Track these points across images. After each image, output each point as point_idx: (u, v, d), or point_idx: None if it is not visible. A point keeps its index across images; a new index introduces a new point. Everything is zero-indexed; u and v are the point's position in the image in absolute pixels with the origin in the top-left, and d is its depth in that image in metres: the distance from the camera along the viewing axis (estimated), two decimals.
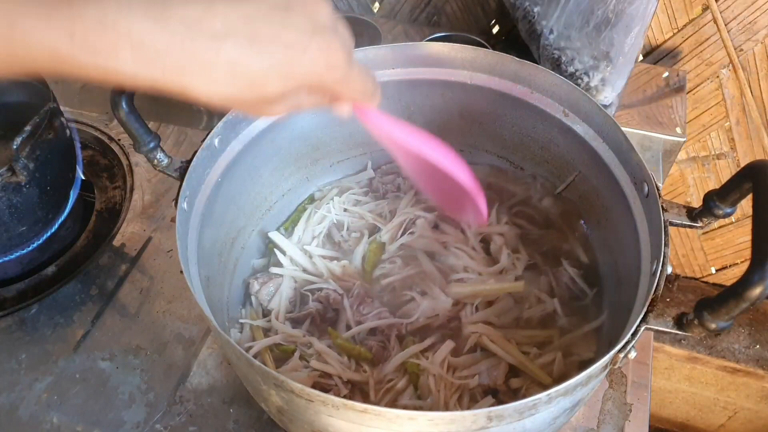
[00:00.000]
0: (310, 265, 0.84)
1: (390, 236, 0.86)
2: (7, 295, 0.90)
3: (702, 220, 0.64)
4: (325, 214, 0.89)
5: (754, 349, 1.34)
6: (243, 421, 0.76)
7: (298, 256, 0.85)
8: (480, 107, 0.85)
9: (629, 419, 0.77)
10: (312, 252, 0.85)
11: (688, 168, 1.21)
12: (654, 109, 1.00)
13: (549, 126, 0.80)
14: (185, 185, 0.65)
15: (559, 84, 0.76)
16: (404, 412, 0.49)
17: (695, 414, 1.58)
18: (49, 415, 0.77)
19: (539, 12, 0.94)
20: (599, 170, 0.76)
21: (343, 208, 0.89)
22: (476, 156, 0.92)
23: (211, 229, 0.73)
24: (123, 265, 0.92)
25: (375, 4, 1.18)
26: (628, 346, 0.54)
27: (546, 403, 0.52)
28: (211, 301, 0.68)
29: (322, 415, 0.53)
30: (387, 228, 0.86)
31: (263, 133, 0.78)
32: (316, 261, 0.84)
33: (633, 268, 0.66)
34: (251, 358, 0.52)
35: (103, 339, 0.84)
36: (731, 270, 1.35)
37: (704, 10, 1.01)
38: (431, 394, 0.71)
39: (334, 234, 0.88)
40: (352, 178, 0.94)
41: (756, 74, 1.05)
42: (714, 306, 0.50)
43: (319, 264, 0.84)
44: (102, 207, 1.01)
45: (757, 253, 0.48)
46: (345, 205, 0.89)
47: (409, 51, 0.80)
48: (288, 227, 0.90)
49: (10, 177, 0.80)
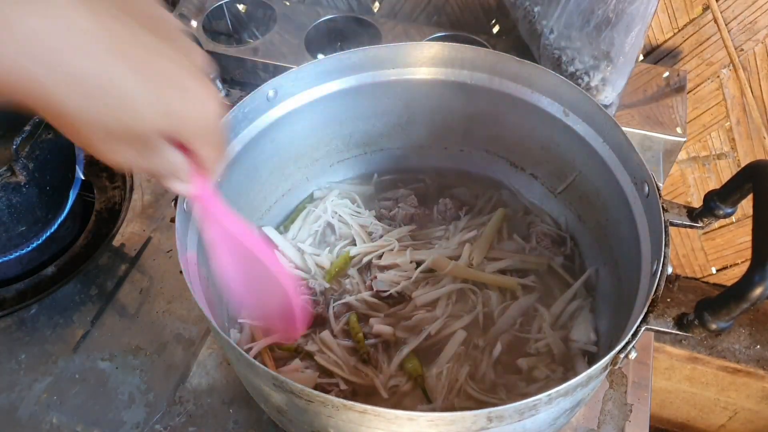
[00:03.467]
0: (301, 261, 0.85)
1: (359, 255, 0.86)
2: (7, 295, 0.90)
3: (702, 220, 0.63)
4: (320, 215, 0.89)
5: (755, 349, 1.34)
6: (243, 421, 0.76)
7: (290, 252, 0.85)
8: (480, 107, 0.84)
9: (629, 419, 0.77)
10: (304, 249, 0.86)
11: (689, 168, 1.21)
12: (654, 109, 1.00)
13: (549, 126, 0.80)
14: None
15: (559, 84, 0.76)
16: (404, 413, 0.49)
17: (696, 414, 1.58)
18: (48, 416, 0.77)
19: (539, 12, 0.94)
20: (599, 170, 0.76)
21: (335, 212, 0.89)
22: (476, 156, 0.92)
23: None
24: (123, 266, 0.91)
25: (375, 4, 1.18)
26: (628, 347, 0.54)
27: (546, 404, 0.52)
28: (211, 301, 0.68)
29: (321, 416, 0.53)
30: (361, 247, 0.86)
31: (263, 132, 0.78)
32: (306, 258, 0.85)
33: (633, 268, 0.66)
34: (251, 358, 0.52)
35: (103, 339, 0.84)
36: (732, 270, 1.35)
37: (705, 10, 1.01)
38: (439, 397, 0.72)
39: (327, 235, 0.89)
40: (356, 187, 0.94)
41: (756, 74, 1.05)
42: (714, 306, 0.50)
43: (308, 260, 0.85)
44: (101, 207, 1.01)
45: (757, 254, 0.47)
46: (338, 210, 0.89)
47: (409, 51, 0.80)
48: (287, 226, 0.90)
49: (9, 177, 0.80)
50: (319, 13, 1.14)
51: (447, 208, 0.90)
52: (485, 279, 0.82)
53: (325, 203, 0.90)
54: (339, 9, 1.19)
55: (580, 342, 0.76)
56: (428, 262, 0.82)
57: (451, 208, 0.90)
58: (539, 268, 0.83)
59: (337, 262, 0.85)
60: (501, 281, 0.81)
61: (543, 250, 0.85)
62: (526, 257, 0.84)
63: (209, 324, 0.57)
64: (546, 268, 0.84)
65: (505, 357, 0.76)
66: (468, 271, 0.82)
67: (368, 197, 0.94)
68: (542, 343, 0.76)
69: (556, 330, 0.77)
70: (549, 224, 0.88)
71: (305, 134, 0.86)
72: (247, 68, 1.10)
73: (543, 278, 0.83)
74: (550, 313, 0.78)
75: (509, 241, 0.87)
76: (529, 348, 0.76)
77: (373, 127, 0.90)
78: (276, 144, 0.82)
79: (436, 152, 0.94)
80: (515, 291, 0.81)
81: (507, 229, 0.88)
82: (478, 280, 0.82)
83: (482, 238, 0.85)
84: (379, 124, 0.90)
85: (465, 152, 0.93)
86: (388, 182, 0.95)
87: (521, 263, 0.84)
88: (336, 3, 1.19)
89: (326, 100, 0.82)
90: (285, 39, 1.10)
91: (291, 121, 0.81)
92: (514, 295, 0.81)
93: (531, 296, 0.81)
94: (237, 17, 1.26)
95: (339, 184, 0.94)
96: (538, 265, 0.83)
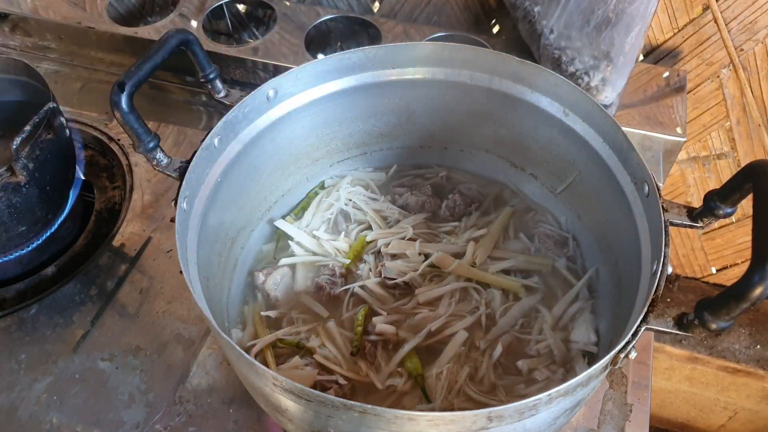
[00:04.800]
0: (318, 248, 0.86)
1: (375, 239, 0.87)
2: (7, 295, 0.90)
3: (702, 220, 0.63)
4: (332, 202, 0.90)
5: (755, 349, 1.34)
6: (243, 421, 0.76)
7: (306, 241, 0.86)
8: (480, 107, 0.84)
9: (629, 419, 0.77)
10: (320, 236, 0.87)
11: (689, 168, 1.21)
12: (654, 109, 1.00)
13: (549, 126, 0.80)
14: (185, 185, 0.65)
15: (559, 84, 0.76)
16: (404, 413, 0.49)
17: (696, 414, 1.58)
18: (48, 416, 0.77)
19: (539, 12, 0.94)
20: (599, 170, 0.76)
21: (349, 199, 0.90)
22: (476, 156, 0.92)
23: (210, 228, 0.73)
24: (122, 266, 0.91)
25: (375, 4, 1.18)
26: (628, 347, 0.54)
27: (546, 404, 0.52)
28: (211, 301, 0.68)
29: (321, 415, 0.53)
30: (377, 232, 0.87)
31: (263, 132, 0.78)
32: (323, 243, 0.86)
33: (633, 268, 0.66)
34: (251, 358, 0.52)
35: (103, 339, 0.84)
36: (732, 270, 1.35)
37: (705, 10, 1.01)
38: (438, 398, 0.72)
39: (340, 223, 0.90)
40: (370, 174, 0.95)
41: (756, 74, 1.05)
42: (714, 306, 0.50)
43: (326, 245, 0.86)
44: (101, 207, 1.01)
45: (757, 254, 0.47)
46: (352, 197, 0.90)
47: (409, 51, 0.80)
48: (298, 213, 0.91)
49: (9, 177, 0.80)
50: (319, 13, 1.14)
51: (456, 204, 0.90)
52: (488, 280, 0.82)
53: (338, 191, 0.91)
54: (339, 9, 1.19)
55: (581, 343, 0.75)
56: (432, 259, 0.83)
57: (460, 204, 0.90)
58: (543, 269, 0.83)
59: (355, 245, 0.86)
60: (503, 283, 0.81)
61: (546, 252, 0.85)
62: (531, 258, 0.84)
63: (209, 324, 0.57)
64: (550, 269, 0.84)
65: (505, 358, 0.76)
66: (471, 270, 0.82)
67: (380, 186, 0.94)
68: (543, 345, 0.76)
69: (557, 331, 0.77)
70: (552, 224, 0.88)
71: (305, 134, 0.86)
72: (247, 68, 1.10)
73: (546, 279, 0.83)
74: (552, 315, 0.78)
75: (515, 241, 0.87)
76: (530, 349, 0.76)
77: (373, 127, 0.90)
78: (276, 144, 0.82)
79: (436, 152, 0.94)
80: (518, 292, 0.81)
81: (514, 228, 0.88)
82: (482, 281, 0.82)
83: (488, 236, 0.86)
84: (379, 124, 0.90)
85: (465, 152, 0.93)
86: (389, 179, 0.96)
87: (526, 263, 0.84)
88: (336, 3, 1.19)
89: (326, 100, 0.82)
90: (285, 39, 1.10)
91: (291, 121, 0.81)
92: (517, 296, 0.81)
93: (533, 297, 0.80)
94: (237, 17, 1.26)
95: (352, 172, 0.94)
96: (542, 266, 0.83)
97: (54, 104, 0.84)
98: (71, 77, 1.18)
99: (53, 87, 0.88)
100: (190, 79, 1.14)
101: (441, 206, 0.91)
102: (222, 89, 0.77)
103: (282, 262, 0.84)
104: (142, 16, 1.31)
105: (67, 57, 1.20)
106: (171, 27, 1.13)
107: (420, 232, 0.87)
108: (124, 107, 0.63)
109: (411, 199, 0.91)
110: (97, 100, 1.14)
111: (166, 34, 0.69)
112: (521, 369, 0.74)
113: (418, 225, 0.88)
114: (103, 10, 1.17)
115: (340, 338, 0.77)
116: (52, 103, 0.84)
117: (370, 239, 0.87)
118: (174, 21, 1.14)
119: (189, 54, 0.73)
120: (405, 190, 0.92)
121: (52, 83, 0.89)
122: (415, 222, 0.88)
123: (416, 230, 0.87)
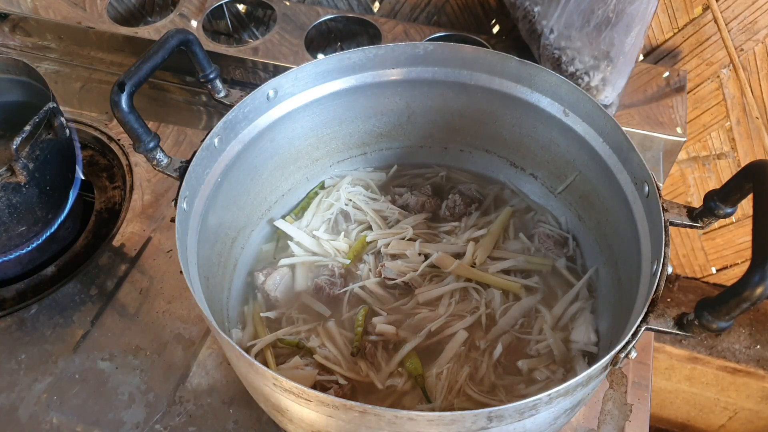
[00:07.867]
0: (318, 248, 0.86)
1: (375, 239, 0.87)
2: (7, 295, 0.90)
3: (702, 220, 0.63)
4: (332, 202, 0.90)
5: (755, 349, 1.33)
6: (243, 421, 0.76)
7: (305, 241, 0.86)
8: (480, 107, 0.84)
9: (629, 419, 0.77)
10: (320, 236, 0.87)
11: (689, 168, 1.21)
12: (654, 109, 1.00)
13: (549, 126, 0.80)
14: (185, 185, 0.65)
15: (559, 84, 0.76)
16: (404, 413, 0.49)
17: (696, 414, 1.58)
18: (48, 416, 0.77)
19: (539, 12, 0.94)
20: (599, 170, 0.76)
21: (349, 199, 0.90)
22: (476, 156, 0.92)
23: (210, 229, 0.73)
24: (122, 266, 0.91)
25: (375, 4, 1.18)
26: (628, 347, 0.54)
27: (546, 404, 0.52)
28: (211, 301, 0.68)
29: (321, 415, 0.53)
30: (377, 232, 0.87)
31: (263, 132, 0.78)
32: (323, 243, 0.86)
33: (633, 268, 0.66)
34: (251, 358, 0.52)
35: (103, 339, 0.84)
36: (732, 270, 1.35)
37: (705, 10, 1.01)
38: (438, 398, 0.72)
39: (340, 223, 0.90)
40: (370, 174, 0.95)
41: (756, 74, 1.05)
42: (715, 306, 0.50)
43: (326, 245, 0.86)
44: (101, 207, 1.01)
45: (757, 254, 0.47)
46: (352, 197, 0.90)
47: (409, 51, 0.80)
48: (298, 213, 0.91)
49: (9, 177, 0.80)
50: (319, 13, 1.14)
51: (456, 204, 0.90)
52: (488, 280, 0.82)
53: (338, 191, 0.91)
54: (339, 9, 1.19)
55: (581, 343, 0.76)
56: (432, 259, 0.83)
57: (460, 204, 0.90)
58: (543, 269, 0.83)
59: (355, 245, 0.86)
60: (503, 284, 0.81)
61: (546, 252, 0.85)
62: (531, 258, 0.84)
63: (209, 324, 0.57)
64: (550, 269, 0.84)
65: (505, 358, 0.76)
66: (471, 271, 0.82)
67: (380, 186, 0.94)
68: (543, 345, 0.76)
69: (557, 331, 0.77)
70: (552, 224, 0.88)
71: (305, 134, 0.86)
72: (247, 68, 1.10)
73: (546, 279, 0.83)
74: (552, 315, 0.78)
75: (515, 241, 0.87)
76: (530, 349, 0.76)
77: (373, 127, 0.90)
78: (276, 144, 0.82)
79: (436, 152, 0.94)
80: (518, 292, 0.81)
81: (514, 228, 0.88)
82: (482, 281, 0.82)
83: (487, 236, 0.86)
84: (379, 124, 0.90)
85: (465, 152, 0.93)
86: (389, 179, 0.96)
87: (526, 264, 0.84)
88: (336, 3, 1.19)
89: (326, 100, 0.82)
90: (285, 39, 1.10)
91: (291, 121, 0.81)
92: (517, 296, 0.81)
93: (533, 297, 0.81)
94: (237, 17, 1.26)
95: (352, 172, 0.94)
96: (542, 266, 0.83)
97: (54, 104, 0.84)
98: (71, 77, 1.18)
99: (53, 87, 0.88)
100: (190, 79, 1.14)
101: (441, 206, 0.91)
102: (222, 89, 0.77)
103: (282, 262, 0.85)
104: (142, 16, 1.31)
105: (67, 57, 1.21)
106: (171, 27, 1.13)
107: (420, 232, 0.87)
108: (124, 107, 0.63)
109: (411, 199, 0.91)
110: (97, 100, 1.14)
111: (166, 34, 0.69)
112: (521, 369, 0.74)
113: (418, 225, 0.88)
114: (103, 10, 1.17)
115: (340, 338, 0.77)
116: (52, 103, 0.84)
117: (370, 239, 0.87)
118: (174, 21, 1.14)
119: (189, 54, 0.73)
120: (405, 190, 0.92)
121: (52, 83, 0.89)
122: (415, 222, 0.88)
123: (416, 230, 0.87)
